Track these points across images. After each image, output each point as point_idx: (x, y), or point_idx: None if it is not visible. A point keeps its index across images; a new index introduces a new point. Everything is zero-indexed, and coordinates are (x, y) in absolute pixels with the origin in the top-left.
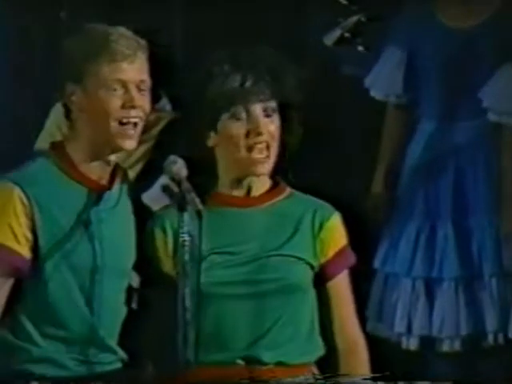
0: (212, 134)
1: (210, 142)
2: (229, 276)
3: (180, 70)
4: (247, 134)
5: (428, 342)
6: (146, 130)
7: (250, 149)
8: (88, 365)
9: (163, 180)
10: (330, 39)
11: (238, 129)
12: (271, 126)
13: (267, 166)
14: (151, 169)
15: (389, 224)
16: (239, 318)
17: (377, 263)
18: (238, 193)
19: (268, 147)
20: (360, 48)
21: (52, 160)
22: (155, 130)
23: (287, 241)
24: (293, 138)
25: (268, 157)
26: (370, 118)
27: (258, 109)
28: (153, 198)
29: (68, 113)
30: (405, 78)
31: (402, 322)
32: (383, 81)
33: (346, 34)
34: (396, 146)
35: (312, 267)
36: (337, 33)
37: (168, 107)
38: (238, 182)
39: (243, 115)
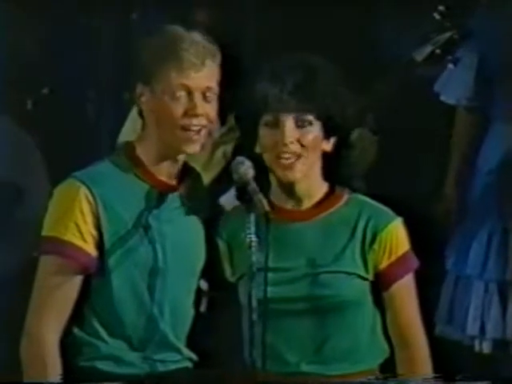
0: (258, 141)
1: (258, 149)
2: (279, 292)
3: (248, 75)
4: (275, 144)
5: (501, 345)
6: (228, 131)
7: (278, 157)
8: (152, 363)
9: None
10: (420, 55)
11: (269, 137)
12: (303, 138)
13: (295, 173)
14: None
15: (460, 226)
16: (292, 333)
17: (447, 266)
18: (290, 205)
19: (299, 157)
20: (450, 66)
21: (120, 159)
22: (236, 133)
23: (337, 256)
24: (352, 152)
25: (296, 163)
26: (441, 119)
27: (288, 120)
28: (229, 201)
29: (141, 111)
30: (476, 80)
31: (474, 325)
32: (454, 85)
33: (437, 51)
34: (467, 149)
35: (365, 279)
36: (428, 49)
37: None
38: (287, 192)
39: (272, 124)
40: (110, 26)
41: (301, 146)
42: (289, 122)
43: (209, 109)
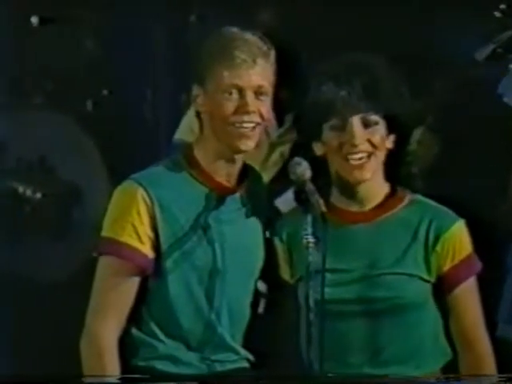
0: (319, 143)
1: (318, 151)
2: (339, 294)
3: (306, 76)
4: (343, 145)
5: None
6: (285, 132)
7: (346, 159)
8: (209, 363)
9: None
10: (481, 54)
11: (336, 139)
12: (372, 137)
13: (365, 173)
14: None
15: None
16: (350, 336)
17: (508, 265)
18: (351, 206)
19: (369, 156)
20: (511, 66)
21: (178, 161)
22: (294, 134)
23: (399, 258)
24: (416, 148)
25: (367, 163)
26: (504, 120)
27: (355, 120)
28: (285, 203)
29: (198, 113)
30: None
31: None
32: None
33: (499, 50)
34: None
35: (427, 281)
36: (489, 48)
37: None
38: (349, 194)
39: (340, 126)
40: (168, 28)
41: (371, 146)
42: (357, 124)
43: (261, 106)
